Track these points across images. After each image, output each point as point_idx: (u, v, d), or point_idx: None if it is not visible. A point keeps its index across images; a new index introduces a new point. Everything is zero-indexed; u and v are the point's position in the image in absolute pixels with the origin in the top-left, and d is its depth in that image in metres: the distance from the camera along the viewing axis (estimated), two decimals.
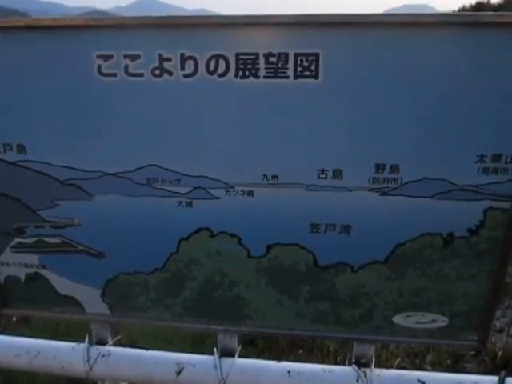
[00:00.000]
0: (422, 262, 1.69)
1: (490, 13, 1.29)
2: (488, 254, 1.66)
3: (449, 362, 4.48)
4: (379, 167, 1.53)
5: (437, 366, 4.46)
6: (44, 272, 1.95)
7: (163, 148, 1.59)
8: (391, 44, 1.36)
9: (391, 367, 4.30)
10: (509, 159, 1.49)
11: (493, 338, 4.86)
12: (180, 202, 1.66)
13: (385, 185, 1.55)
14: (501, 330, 5.15)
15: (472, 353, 4.48)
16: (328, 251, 1.69)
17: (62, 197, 1.74)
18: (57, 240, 1.85)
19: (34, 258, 1.92)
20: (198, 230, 1.71)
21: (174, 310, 1.92)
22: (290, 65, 1.40)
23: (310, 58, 1.38)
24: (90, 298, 1.95)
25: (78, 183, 1.70)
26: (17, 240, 1.89)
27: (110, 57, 1.47)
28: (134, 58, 1.46)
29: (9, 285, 2.01)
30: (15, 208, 1.81)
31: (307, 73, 1.41)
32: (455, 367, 4.42)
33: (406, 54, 1.37)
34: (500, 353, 4.38)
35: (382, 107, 1.45)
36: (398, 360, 4.36)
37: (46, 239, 1.85)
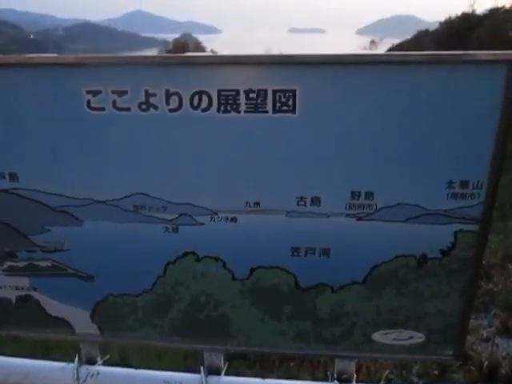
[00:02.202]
0: (398, 282, 1.77)
1: (448, 52, 1.40)
2: (460, 273, 1.75)
3: (436, 372, 4.57)
4: (355, 194, 1.62)
5: (424, 377, 4.54)
6: (35, 294, 2.00)
7: (150, 177, 1.67)
8: (362, 80, 1.46)
9: (380, 379, 4.37)
10: (475, 185, 1.59)
11: (479, 348, 4.96)
12: (166, 228, 1.74)
13: (361, 210, 1.64)
14: (487, 339, 5.24)
15: (458, 363, 4.57)
16: (308, 273, 1.77)
17: (53, 223, 1.81)
18: (47, 263, 1.91)
19: (24, 281, 1.98)
20: (185, 254, 1.79)
21: (161, 329, 1.98)
22: (269, 100, 1.49)
23: (287, 94, 1.48)
24: (80, 319, 2.01)
25: (69, 210, 1.77)
26: (8, 263, 1.95)
27: (99, 92, 1.55)
28: (121, 93, 1.54)
29: (0, 307, 2.06)
30: (7, 233, 1.87)
31: (285, 108, 1.50)
32: (442, 377, 4.51)
33: (377, 89, 1.47)
34: (486, 362, 4.47)
35: (356, 138, 1.54)
36: (387, 371, 4.44)
37: (36, 263, 1.91)
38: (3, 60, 1.54)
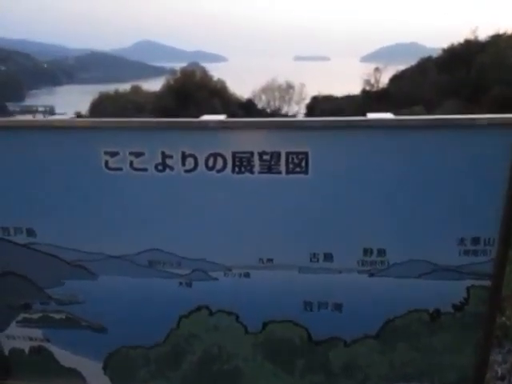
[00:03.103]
0: (411, 336, 1.77)
1: (458, 116, 1.44)
2: (473, 328, 1.75)
3: None
4: (367, 251, 1.64)
5: None
6: (48, 345, 2.01)
7: (165, 233, 1.70)
8: (372, 143, 1.50)
9: None
10: (487, 242, 1.61)
11: None
12: (180, 283, 1.76)
13: (373, 267, 1.66)
14: (502, 378, 5.10)
15: None
16: (321, 327, 1.77)
17: (69, 276, 1.83)
18: (61, 316, 1.92)
19: (38, 332, 1.99)
20: (198, 308, 1.80)
21: (174, 381, 1.98)
22: (282, 162, 1.53)
23: (300, 156, 1.52)
24: (92, 371, 2.01)
25: (84, 264, 1.80)
26: (22, 315, 1.97)
27: (117, 153, 1.60)
28: (138, 155, 1.59)
29: (13, 357, 2.07)
30: (23, 285, 1.89)
31: (298, 169, 1.54)
32: None
33: (387, 150, 1.50)
34: None
35: (368, 197, 1.57)
36: None
37: (50, 315, 1.93)
38: (25, 123, 1.61)
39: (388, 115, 1.51)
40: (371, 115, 1.50)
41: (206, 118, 1.59)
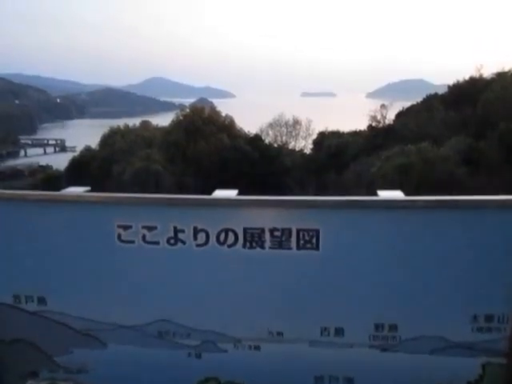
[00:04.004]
0: None
1: (467, 197, 1.46)
2: None
3: None
4: (378, 326, 1.62)
5: None
6: None
7: (175, 305, 1.70)
8: (383, 221, 1.51)
9: None
10: (501, 319, 1.59)
11: None
12: (189, 354, 1.75)
13: (384, 342, 1.64)
14: None
15: None
16: None
17: (78, 345, 1.83)
18: None
19: None
20: (207, 380, 1.78)
21: None
22: (293, 238, 1.55)
23: (311, 233, 1.53)
24: None
25: (94, 333, 1.80)
26: (30, 382, 1.95)
27: (129, 227, 1.63)
28: (151, 228, 1.62)
29: None
30: (31, 353, 1.88)
31: (309, 245, 1.55)
32: None
33: (398, 229, 1.52)
34: None
35: (378, 273, 1.57)
36: None
37: (58, 383, 1.91)
38: (42, 196, 1.64)
39: (398, 193, 1.52)
40: (382, 193, 1.52)
41: (218, 193, 1.62)
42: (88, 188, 1.72)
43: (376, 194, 1.56)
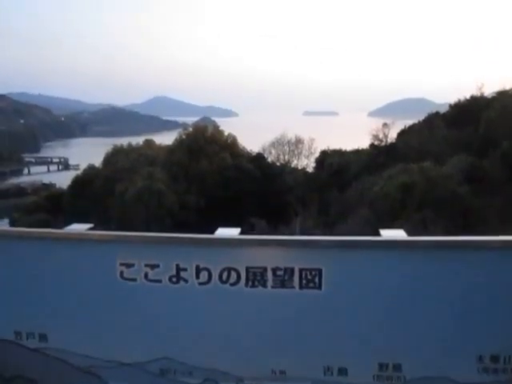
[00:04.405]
0: None
1: (470, 238, 1.45)
2: None
3: None
4: (382, 366, 1.60)
5: None
6: None
7: (177, 343, 1.69)
8: (386, 261, 1.51)
9: None
10: (507, 360, 1.56)
11: None
12: None
13: (389, 382, 1.61)
14: None
15: None
16: None
17: (79, 382, 1.81)
18: None
19: None
20: None
21: None
22: (296, 277, 1.54)
23: (313, 273, 1.53)
24: None
25: (95, 371, 1.78)
26: None
27: (132, 265, 1.63)
28: (153, 266, 1.62)
29: None
30: None
31: (311, 284, 1.54)
32: None
33: (400, 269, 1.51)
34: None
35: (382, 312, 1.56)
36: None
37: None
38: (44, 234, 1.65)
39: (400, 233, 1.52)
40: (384, 232, 1.52)
41: (220, 232, 1.62)
42: (91, 225, 1.72)
43: (378, 233, 1.57)
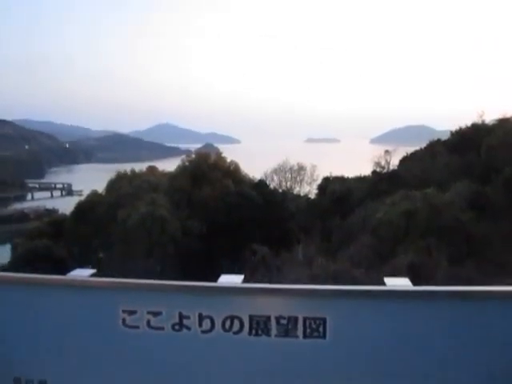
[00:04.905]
0: None
1: (473, 288, 1.44)
2: None
3: None
4: None
5: None
6: None
7: None
8: (391, 310, 1.49)
9: None
10: None
11: None
12: None
13: None
14: None
15: None
16: None
17: None
18: None
19: None
20: None
21: None
22: (300, 326, 1.52)
23: (317, 322, 1.51)
24: None
25: None
26: None
27: (134, 312, 1.61)
28: (156, 314, 1.60)
29: None
30: None
31: (315, 333, 1.52)
32: None
33: (405, 318, 1.49)
34: None
35: (386, 362, 1.53)
36: None
37: None
38: (45, 280, 1.64)
39: (405, 281, 1.51)
40: (389, 281, 1.51)
41: (223, 279, 1.61)
42: (94, 270, 1.72)
43: (383, 281, 1.55)
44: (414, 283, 1.52)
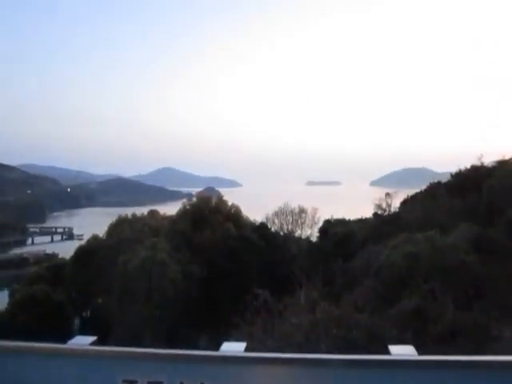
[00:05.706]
0: None
1: (479, 357, 1.40)
2: None
3: None
4: None
5: None
6: None
7: None
8: (395, 381, 1.44)
9: None
10: None
11: None
12: None
13: None
14: None
15: None
16: None
17: None
18: None
19: None
20: None
21: None
22: None
23: None
24: None
25: None
26: None
27: (135, 382, 1.56)
28: None
29: None
30: None
31: None
32: None
33: None
34: None
35: None
36: None
37: None
38: (45, 349, 1.60)
39: (409, 349, 1.47)
40: (393, 348, 1.47)
41: (226, 346, 1.57)
42: (94, 338, 1.67)
43: (387, 349, 1.51)
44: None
